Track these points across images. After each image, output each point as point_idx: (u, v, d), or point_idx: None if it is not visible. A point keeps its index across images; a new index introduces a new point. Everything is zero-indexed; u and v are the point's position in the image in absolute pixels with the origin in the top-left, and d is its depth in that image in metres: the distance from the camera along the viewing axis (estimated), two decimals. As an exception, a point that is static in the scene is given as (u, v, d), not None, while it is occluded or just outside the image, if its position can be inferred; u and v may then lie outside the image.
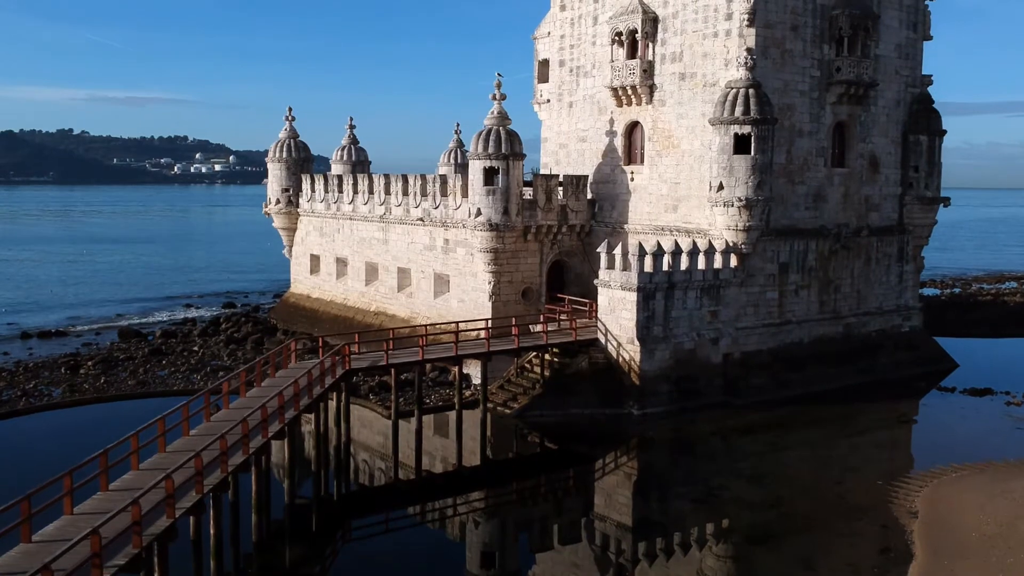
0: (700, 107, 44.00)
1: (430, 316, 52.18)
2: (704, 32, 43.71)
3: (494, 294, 47.55)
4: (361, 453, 37.31)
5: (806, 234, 45.08)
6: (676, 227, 45.17)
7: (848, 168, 46.56)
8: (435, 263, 51.79)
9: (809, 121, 44.61)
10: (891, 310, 49.15)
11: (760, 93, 41.12)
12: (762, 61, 42.20)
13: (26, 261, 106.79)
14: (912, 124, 48.55)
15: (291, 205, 64.79)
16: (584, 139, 50.77)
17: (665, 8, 45.53)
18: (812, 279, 45.57)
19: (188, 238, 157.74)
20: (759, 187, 41.17)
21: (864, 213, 47.43)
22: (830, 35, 44.64)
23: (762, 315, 43.89)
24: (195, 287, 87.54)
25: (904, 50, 48.16)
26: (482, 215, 46.42)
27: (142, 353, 55.30)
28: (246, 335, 60.37)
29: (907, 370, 48.13)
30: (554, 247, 49.53)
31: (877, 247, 48.16)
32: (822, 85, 44.78)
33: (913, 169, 48.77)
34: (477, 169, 46.55)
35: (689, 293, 41.10)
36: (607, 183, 49.26)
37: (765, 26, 42.42)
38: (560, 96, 52.27)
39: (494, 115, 47.12)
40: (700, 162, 44.03)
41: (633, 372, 39.90)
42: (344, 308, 59.73)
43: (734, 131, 41.01)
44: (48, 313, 72.23)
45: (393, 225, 54.98)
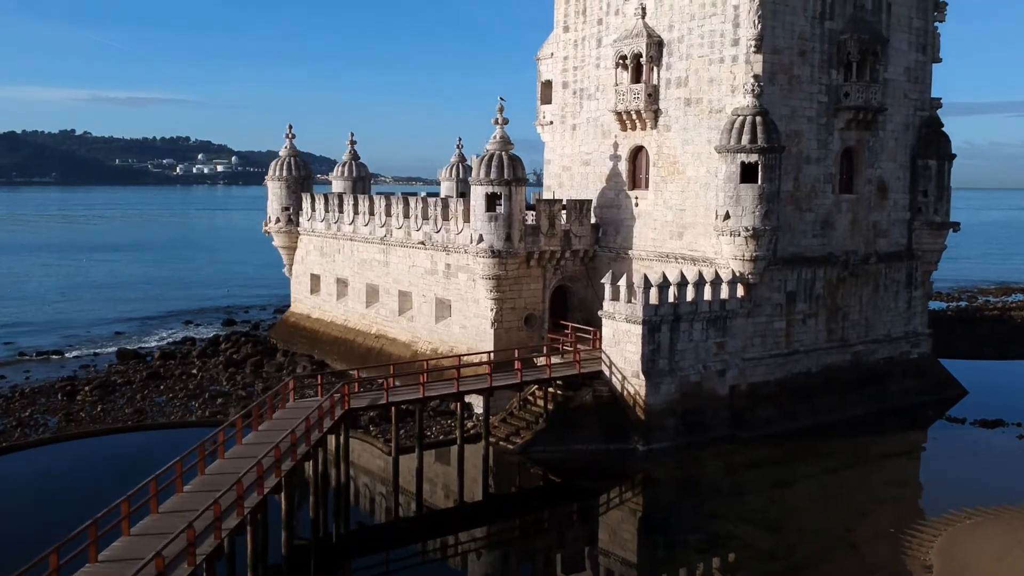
0: (706, 133, 43.24)
1: (431, 341, 51.49)
2: (710, 57, 42.95)
3: (496, 321, 46.81)
4: (361, 490, 36.64)
5: (814, 262, 44.32)
6: (681, 254, 44.42)
7: (856, 194, 45.80)
8: (436, 288, 51.06)
9: (817, 147, 43.84)
10: (899, 337, 48.38)
11: (767, 121, 40.37)
12: (769, 87, 41.45)
13: (24, 274, 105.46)
14: (921, 148, 47.79)
15: (291, 224, 64.09)
16: (588, 162, 50.02)
17: (670, 32, 44.77)
18: (820, 307, 44.82)
19: (189, 245, 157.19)
20: (766, 216, 40.41)
21: (872, 239, 46.66)
22: (838, 60, 43.88)
23: (769, 345, 43.14)
24: (195, 302, 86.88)
25: (913, 73, 47.39)
26: (484, 241, 45.68)
27: (140, 377, 54.64)
28: (245, 357, 59.71)
29: (916, 398, 47.38)
30: (557, 272, 48.79)
31: (885, 273, 47.39)
32: (830, 111, 44.01)
33: (922, 194, 48.01)
34: (479, 195, 45.81)
35: (695, 325, 40.34)
36: (611, 208, 48.52)
37: (772, 52, 41.67)
38: (563, 118, 51.53)
39: (496, 140, 46.38)
40: (706, 189, 43.27)
41: (638, 406, 39.16)
42: (344, 330, 59.02)
43: (741, 160, 40.26)
44: (46, 330, 71.52)
45: (394, 248, 54.25)
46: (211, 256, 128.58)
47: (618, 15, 47.69)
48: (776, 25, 41.66)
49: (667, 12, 44.93)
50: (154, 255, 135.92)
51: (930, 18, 47.83)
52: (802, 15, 42.54)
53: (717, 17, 42.54)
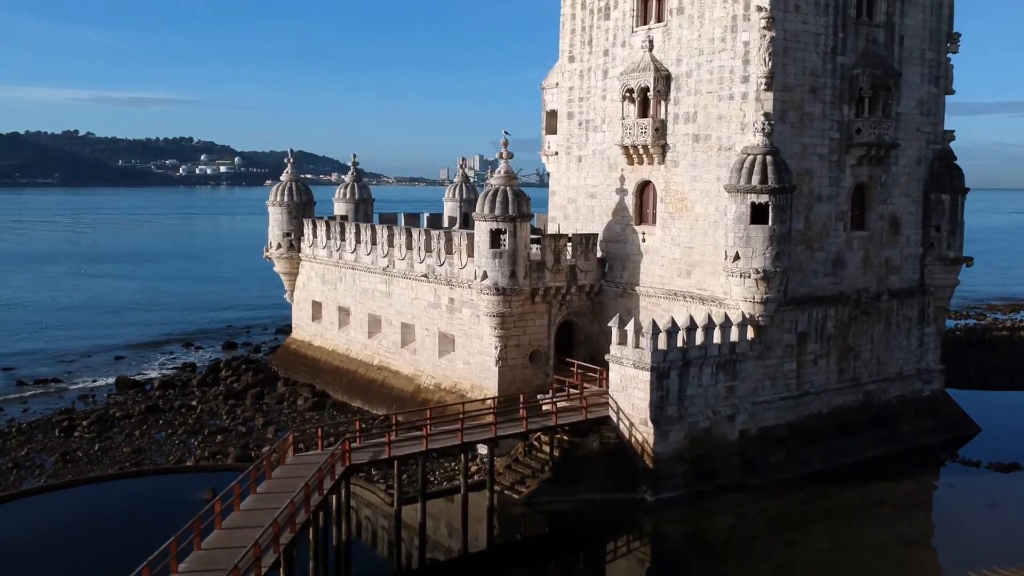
0: (715, 171, 42.35)
1: (434, 376, 50.65)
2: (719, 94, 42.05)
3: (501, 359, 45.97)
4: (364, 541, 35.88)
5: (825, 301, 43.41)
6: (690, 293, 43.54)
7: (868, 231, 44.88)
8: (440, 322, 50.20)
9: (828, 185, 42.94)
10: (911, 374, 47.47)
11: (778, 160, 39.48)
12: (780, 125, 40.55)
13: (24, 289, 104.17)
14: (934, 183, 46.87)
15: (292, 250, 63.25)
16: (594, 195, 49.13)
17: (678, 67, 43.87)
18: (831, 347, 43.92)
19: (191, 256, 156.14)
20: (777, 258, 39.52)
21: (884, 276, 45.74)
22: (850, 95, 42.97)
23: (779, 388, 42.25)
24: (196, 322, 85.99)
25: (926, 106, 46.46)
26: (488, 278, 44.82)
27: (139, 410, 53.84)
28: (246, 387, 58.91)
29: (928, 438, 46.48)
30: (562, 308, 47.93)
31: (897, 310, 46.48)
32: (841, 147, 43.10)
33: (935, 229, 47.08)
34: (483, 231, 44.94)
35: (704, 369, 39.46)
36: (617, 242, 47.63)
37: (783, 89, 40.77)
38: (569, 149, 50.64)
39: (501, 174, 45.52)
40: (715, 227, 42.38)
41: (647, 455, 38.28)
42: (346, 360, 58.17)
43: (751, 200, 39.37)
44: (46, 354, 70.67)
45: (397, 279, 53.40)
46: (213, 269, 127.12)
47: (625, 47, 46.79)
48: (787, 62, 40.76)
49: (675, 46, 44.03)
50: (155, 267, 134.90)
51: (943, 50, 46.90)
52: (813, 51, 41.64)
53: (726, 53, 41.63)
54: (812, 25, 41.48)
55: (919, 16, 45.59)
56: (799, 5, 40.91)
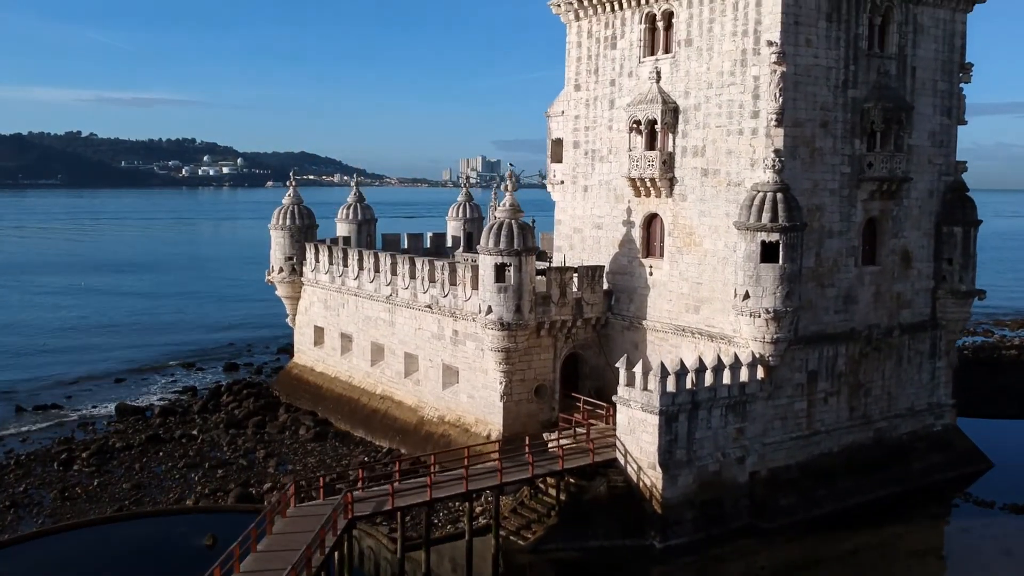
0: (724, 206, 41.62)
1: (438, 408, 49.97)
2: (728, 128, 41.32)
3: (506, 394, 45.29)
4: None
5: (836, 339, 42.67)
6: (698, 329, 42.81)
7: (879, 265, 44.14)
8: (443, 353, 49.50)
9: (839, 220, 42.20)
10: (923, 409, 46.74)
11: (789, 197, 38.74)
12: (790, 162, 39.81)
13: (24, 305, 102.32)
14: (946, 215, 46.12)
15: (295, 274, 62.59)
16: (600, 226, 48.40)
17: (686, 99, 43.15)
18: (842, 385, 43.18)
19: (193, 264, 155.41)
20: (788, 297, 38.79)
21: (896, 311, 44.99)
22: (861, 129, 42.22)
23: (790, 427, 41.54)
24: (197, 341, 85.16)
25: (938, 138, 45.71)
26: (493, 313, 44.11)
27: (139, 440, 53.20)
28: (247, 415, 58.26)
29: (940, 474, 45.73)
30: (568, 341, 47.22)
31: (909, 345, 45.74)
32: (853, 182, 42.36)
33: (947, 262, 46.32)
34: (488, 265, 44.23)
35: (714, 411, 38.75)
36: (624, 275, 46.91)
37: (794, 125, 40.03)
38: (575, 179, 49.92)
39: (506, 207, 44.83)
40: (724, 264, 41.65)
41: (655, 499, 37.56)
42: (349, 387, 57.48)
43: (761, 238, 38.64)
44: (45, 376, 69.91)
45: (400, 308, 52.70)
46: (214, 284, 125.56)
47: (632, 77, 46.07)
48: (798, 97, 40.03)
49: (683, 78, 43.31)
50: (156, 279, 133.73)
51: (955, 80, 46.16)
52: (824, 85, 40.90)
53: (736, 87, 40.90)
54: (823, 59, 40.74)
55: (931, 47, 44.84)
56: (810, 39, 40.18)
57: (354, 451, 50.93)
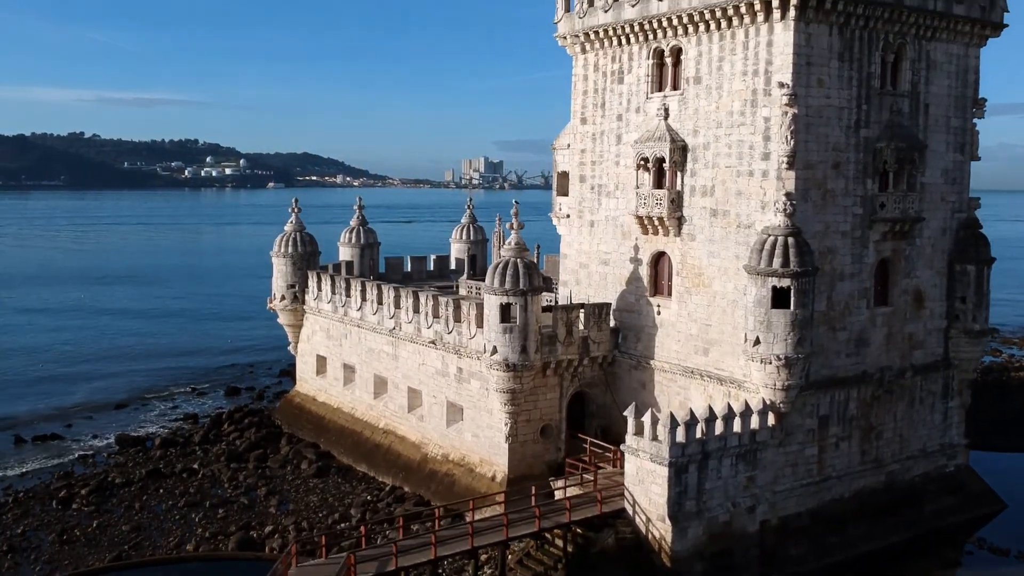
0: (734, 248, 40.86)
1: (442, 446, 49.26)
2: (738, 169, 40.55)
3: (511, 435, 44.59)
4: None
5: (847, 382, 41.89)
6: (708, 372, 42.06)
7: (892, 306, 43.34)
8: (448, 390, 48.79)
9: (851, 263, 41.41)
10: (935, 450, 45.96)
11: (800, 242, 37.95)
12: (802, 204, 39.03)
13: (23, 330, 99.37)
14: (959, 253, 45.32)
15: (297, 302, 61.89)
16: (606, 262, 47.64)
17: (695, 137, 42.39)
18: (853, 429, 42.41)
19: (195, 274, 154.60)
20: (799, 344, 38.01)
21: (908, 352, 44.20)
22: (874, 168, 41.44)
23: (801, 474, 40.76)
24: (199, 363, 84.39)
25: (951, 175, 44.92)
26: (498, 353, 43.38)
27: (139, 475, 52.58)
28: (248, 446, 57.66)
29: (953, 517, 44.98)
30: (575, 380, 46.49)
31: (921, 385, 44.95)
32: (865, 223, 41.56)
33: (960, 300, 45.51)
34: (493, 304, 43.50)
35: (724, 461, 37.98)
36: (631, 312, 46.16)
37: (805, 167, 39.26)
38: (581, 213, 49.16)
39: (511, 246, 44.08)
40: (734, 307, 40.89)
41: (664, 552, 36.78)
42: (352, 420, 56.79)
43: (772, 284, 37.85)
44: (45, 404, 69.14)
45: (403, 342, 51.99)
46: (217, 302, 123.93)
47: (639, 112, 45.31)
48: (810, 139, 39.25)
49: (691, 116, 42.55)
50: (158, 291, 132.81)
51: (968, 115, 45.36)
52: (836, 125, 40.12)
53: (746, 127, 40.14)
54: (835, 99, 39.97)
55: (944, 83, 44.05)
56: (822, 79, 39.41)
57: (356, 488, 50.25)
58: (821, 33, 39.08)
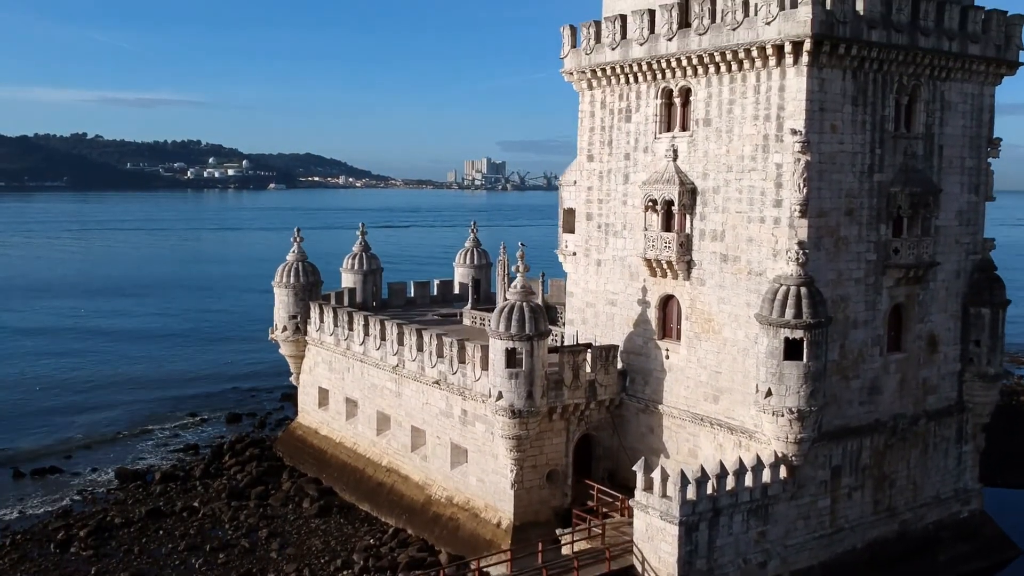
0: (744, 295, 39.99)
1: (446, 488, 48.44)
2: (749, 215, 39.68)
3: (517, 482, 43.75)
4: None
5: (860, 431, 41.04)
6: (717, 420, 41.21)
7: (905, 352, 42.46)
8: (452, 432, 47.97)
9: (864, 309, 40.53)
10: (949, 496, 45.10)
11: (813, 291, 37.08)
12: (814, 253, 38.16)
13: (21, 353, 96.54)
14: (973, 296, 44.44)
15: (299, 333, 61.08)
16: (613, 303, 46.79)
17: (704, 180, 41.53)
18: (866, 478, 41.56)
19: (197, 284, 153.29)
20: (812, 396, 37.15)
21: (921, 398, 43.34)
22: (888, 213, 40.56)
23: (813, 526, 39.91)
24: (200, 385, 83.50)
25: (965, 216, 44.04)
26: (504, 399, 42.54)
27: (139, 514, 51.81)
28: (250, 481, 56.88)
29: (967, 565, 44.15)
30: (581, 424, 45.65)
31: (935, 431, 44.10)
32: (878, 269, 40.68)
33: (974, 343, 44.64)
34: (498, 349, 42.65)
35: (735, 517, 37.13)
36: (639, 355, 45.31)
37: (819, 215, 38.38)
38: (587, 252, 48.30)
39: (517, 290, 43.22)
40: (744, 355, 40.03)
41: (673, 612, 35.95)
42: (354, 456, 55.96)
43: (784, 335, 36.99)
44: (43, 434, 68.22)
45: (407, 380, 51.15)
46: (218, 317, 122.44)
47: (647, 152, 44.45)
48: (822, 186, 38.38)
49: (701, 158, 41.69)
50: (159, 304, 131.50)
51: (983, 155, 44.48)
52: (850, 171, 39.25)
53: (757, 173, 39.27)
54: (849, 144, 39.10)
55: (959, 123, 43.16)
56: (835, 125, 38.53)
57: (359, 531, 49.47)
58: (834, 78, 38.20)
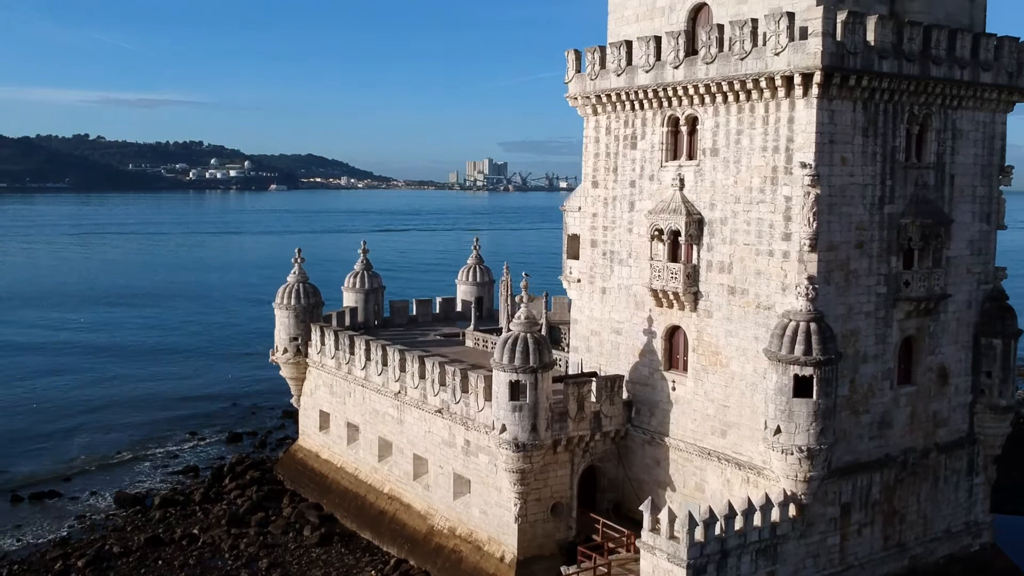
0: (753, 329, 39.28)
1: (449, 519, 47.78)
2: (758, 248, 38.96)
3: (520, 516, 43.07)
4: None
5: (870, 467, 40.31)
6: (725, 455, 40.51)
7: (915, 385, 41.73)
8: (455, 462, 47.30)
9: (874, 343, 39.81)
10: (960, 530, 44.37)
11: (823, 327, 36.34)
12: (824, 287, 37.43)
13: (18, 372, 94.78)
14: (985, 326, 43.70)
15: (299, 355, 60.43)
16: (619, 331, 46.08)
17: (712, 211, 40.82)
18: (876, 514, 40.83)
19: (198, 295, 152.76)
20: (822, 434, 36.42)
21: (932, 431, 42.61)
22: (898, 245, 39.84)
23: (822, 564, 39.18)
24: (200, 401, 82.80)
25: (976, 245, 43.32)
26: (507, 432, 41.85)
27: (138, 542, 51.18)
28: (250, 507, 56.26)
29: (979, 601, 43.41)
30: (586, 455, 44.96)
31: (945, 464, 43.36)
32: (889, 302, 39.95)
33: (985, 375, 43.91)
34: (502, 381, 41.96)
35: (744, 557, 36.38)
36: (645, 386, 44.61)
37: (828, 248, 37.65)
38: (592, 279, 47.59)
39: (520, 320, 42.52)
40: (753, 389, 39.33)
41: (681, 656, 35.23)
42: (355, 482, 55.28)
43: (794, 372, 36.26)
44: (42, 455, 67.62)
45: (409, 407, 50.49)
46: (219, 331, 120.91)
47: (653, 181, 43.75)
48: (832, 219, 37.66)
49: (708, 188, 40.98)
50: (160, 315, 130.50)
51: (994, 183, 43.80)
52: (860, 203, 38.52)
53: (766, 205, 38.55)
54: (859, 176, 38.37)
55: (970, 151, 42.45)
56: (846, 157, 37.81)
57: (361, 561, 48.86)
58: (845, 109, 37.48)
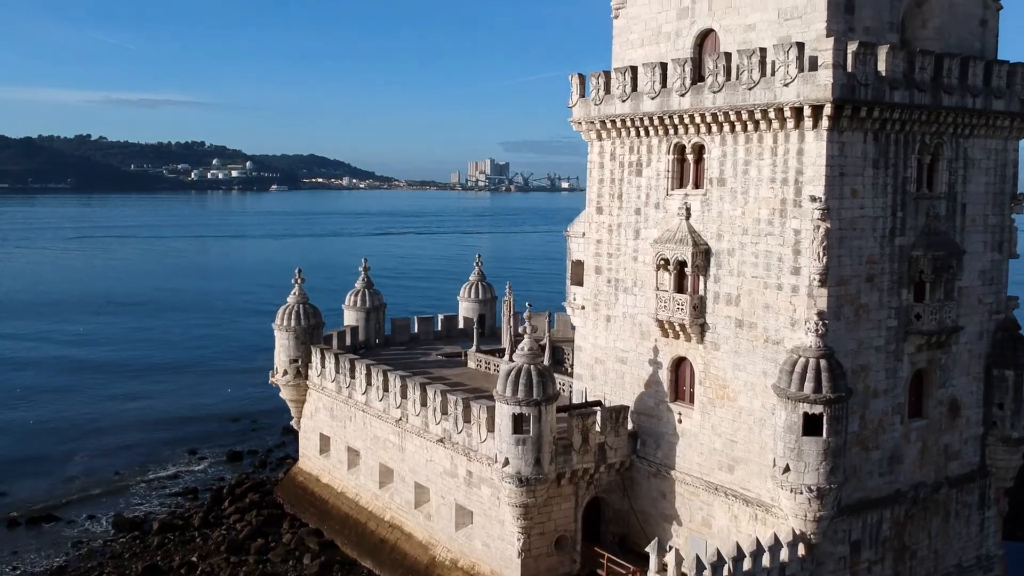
0: (761, 363, 38.50)
1: (451, 550, 47.05)
2: (766, 281, 38.18)
3: (524, 550, 42.35)
4: None
5: (880, 503, 39.54)
6: (733, 491, 39.74)
7: (926, 418, 40.95)
8: (457, 493, 46.56)
9: (885, 378, 39.02)
10: (971, 564, 43.61)
11: (833, 364, 35.54)
12: (834, 323, 36.63)
13: (16, 388, 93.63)
14: (996, 357, 42.89)
15: (300, 377, 59.72)
16: (624, 360, 45.31)
17: (719, 242, 40.03)
18: (886, 551, 40.07)
19: (199, 303, 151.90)
20: (832, 473, 35.64)
21: (943, 464, 41.83)
22: (909, 277, 39.04)
23: (832, 604, 38.44)
24: (200, 421, 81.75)
25: (988, 275, 42.51)
26: (510, 466, 41.11)
27: (136, 570, 50.50)
28: (250, 532, 55.54)
29: (990, 635, 42.64)
30: (590, 487, 44.21)
31: (956, 498, 42.59)
32: (899, 335, 39.17)
33: (997, 407, 43.11)
34: (505, 414, 41.23)
35: (751, 600, 35.66)
36: (651, 417, 43.84)
37: (838, 283, 36.86)
38: (596, 306, 46.82)
39: (523, 352, 41.78)
40: (761, 425, 38.55)
41: None
42: (356, 508, 54.56)
43: (803, 409, 35.48)
44: (39, 476, 66.82)
45: (410, 435, 49.76)
46: (219, 341, 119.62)
47: (659, 209, 42.98)
48: (843, 253, 36.86)
49: (715, 219, 40.19)
50: (160, 327, 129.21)
51: (1007, 212, 42.96)
52: (871, 236, 37.73)
53: (774, 238, 37.77)
54: (870, 208, 37.59)
55: (982, 180, 41.65)
56: (856, 189, 37.02)
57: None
58: (855, 141, 36.69)
